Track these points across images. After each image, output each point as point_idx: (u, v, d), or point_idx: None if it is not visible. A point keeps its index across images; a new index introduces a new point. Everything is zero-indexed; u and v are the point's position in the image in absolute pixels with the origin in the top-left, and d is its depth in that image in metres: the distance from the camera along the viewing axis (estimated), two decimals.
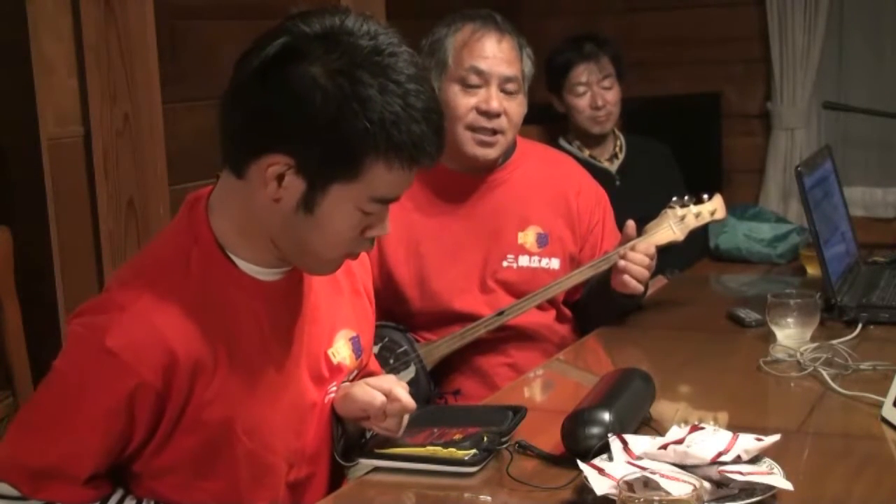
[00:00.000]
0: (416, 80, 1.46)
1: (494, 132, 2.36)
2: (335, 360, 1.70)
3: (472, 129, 2.35)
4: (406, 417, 1.69)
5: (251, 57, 1.47)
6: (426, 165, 1.49)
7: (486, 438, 1.65)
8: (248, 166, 1.49)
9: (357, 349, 1.75)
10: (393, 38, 1.47)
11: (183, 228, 1.58)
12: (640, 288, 2.35)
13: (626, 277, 2.32)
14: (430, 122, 1.47)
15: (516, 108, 2.38)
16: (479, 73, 2.35)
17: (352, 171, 1.45)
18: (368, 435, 1.77)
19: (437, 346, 2.36)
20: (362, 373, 1.80)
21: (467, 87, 2.35)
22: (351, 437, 1.76)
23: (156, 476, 1.55)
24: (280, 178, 1.46)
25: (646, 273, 2.33)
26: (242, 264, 1.56)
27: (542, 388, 2.21)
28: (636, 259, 2.32)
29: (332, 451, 1.72)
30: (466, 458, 1.61)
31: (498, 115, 2.35)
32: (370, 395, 1.66)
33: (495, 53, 2.35)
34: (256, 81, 1.46)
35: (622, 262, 2.32)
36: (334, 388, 1.71)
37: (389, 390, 1.66)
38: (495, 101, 2.34)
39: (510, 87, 2.36)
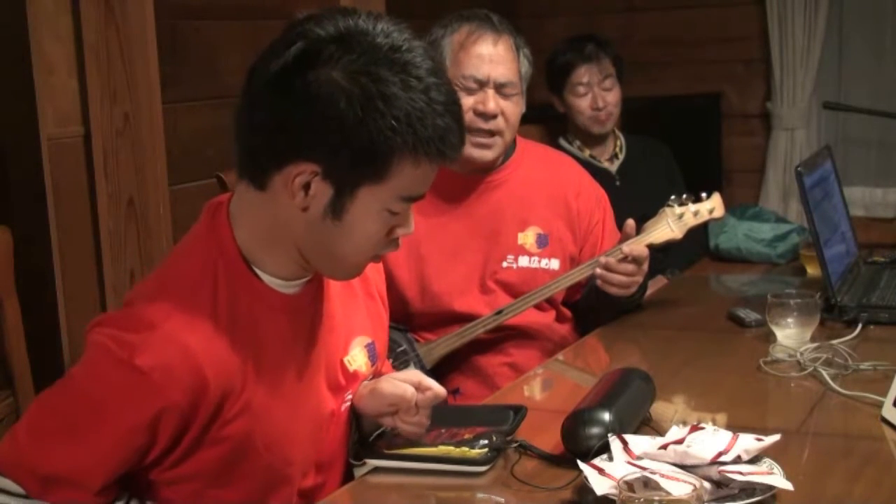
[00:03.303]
0: (435, 73, 1.45)
1: (492, 133, 2.36)
2: (351, 368, 1.68)
3: (469, 130, 2.35)
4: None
5: (266, 65, 1.44)
6: (451, 158, 1.48)
7: (494, 438, 1.65)
8: (271, 178, 1.47)
9: (372, 355, 1.74)
10: (406, 34, 1.46)
11: (206, 240, 1.54)
12: (623, 293, 2.35)
13: (604, 285, 2.33)
14: (452, 114, 1.46)
15: (513, 108, 2.38)
16: (476, 76, 2.35)
17: (380, 171, 1.43)
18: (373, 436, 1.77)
19: (437, 345, 2.36)
20: (376, 377, 1.78)
21: (464, 89, 2.35)
22: (365, 439, 1.75)
23: (171, 484, 1.54)
24: (306, 186, 1.44)
25: (624, 279, 2.33)
26: (266, 278, 1.55)
27: (541, 387, 2.21)
28: (615, 268, 2.32)
29: (345, 457, 1.71)
30: (477, 457, 1.61)
31: (495, 117, 2.35)
32: (400, 388, 1.64)
33: (491, 56, 2.35)
34: (276, 90, 1.43)
35: (598, 271, 2.33)
36: (350, 396, 1.70)
37: (419, 381, 1.65)
38: (492, 102, 2.34)
39: (507, 89, 2.37)
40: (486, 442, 1.64)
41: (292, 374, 1.58)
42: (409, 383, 1.65)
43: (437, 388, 1.65)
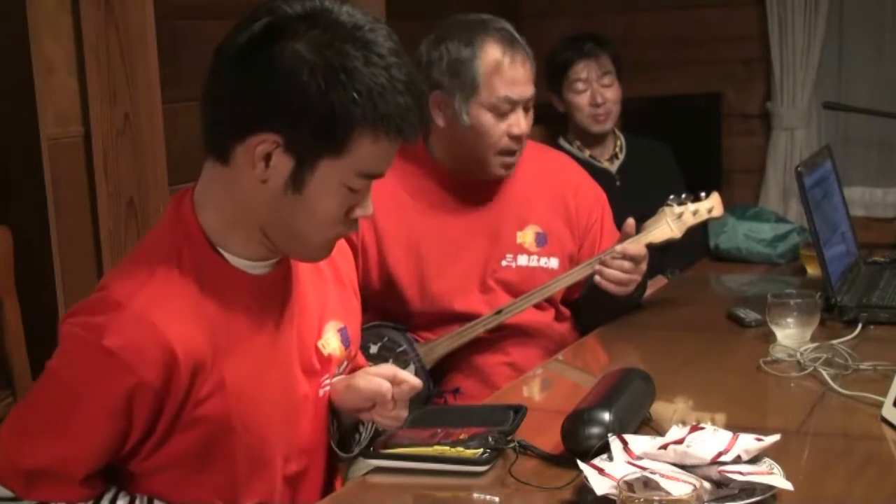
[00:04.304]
0: (397, 54, 1.49)
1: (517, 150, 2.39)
2: (325, 352, 1.70)
3: (502, 153, 2.36)
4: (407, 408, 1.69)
5: (233, 39, 1.49)
6: (409, 137, 1.51)
7: (491, 438, 1.65)
8: (234, 149, 1.50)
9: (345, 340, 1.75)
10: (369, 17, 1.51)
11: (172, 226, 1.57)
12: (620, 291, 2.35)
13: (601, 282, 2.33)
14: (412, 93, 1.49)
15: (531, 119, 2.40)
16: (511, 96, 2.34)
17: (339, 144, 1.47)
18: (363, 433, 1.77)
19: (436, 345, 2.36)
20: (351, 365, 1.80)
21: (496, 112, 2.34)
22: (346, 431, 1.77)
23: (153, 473, 1.55)
24: (267, 157, 1.47)
25: (623, 277, 2.33)
26: (232, 259, 1.57)
27: (541, 387, 2.21)
28: (614, 265, 2.32)
29: (327, 445, 1.72)
30: (476, 457, 1.61)
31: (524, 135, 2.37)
32: (376, 383, 1.66)
33: (524, 77, 2.36)
34: (241, 62, 1.47)
35: (597, 267, 2.33)
36: (327, 381, 1.71)
37: (394, 375, 1.67)
38: (524, 122, 2.35)
39: (529, 103, 2.38)
40: (481, 442, 1.64)
41: (263, 353, 1.59)
42: (383, 377, 1.67)
43: (412, 380, 1.67)
